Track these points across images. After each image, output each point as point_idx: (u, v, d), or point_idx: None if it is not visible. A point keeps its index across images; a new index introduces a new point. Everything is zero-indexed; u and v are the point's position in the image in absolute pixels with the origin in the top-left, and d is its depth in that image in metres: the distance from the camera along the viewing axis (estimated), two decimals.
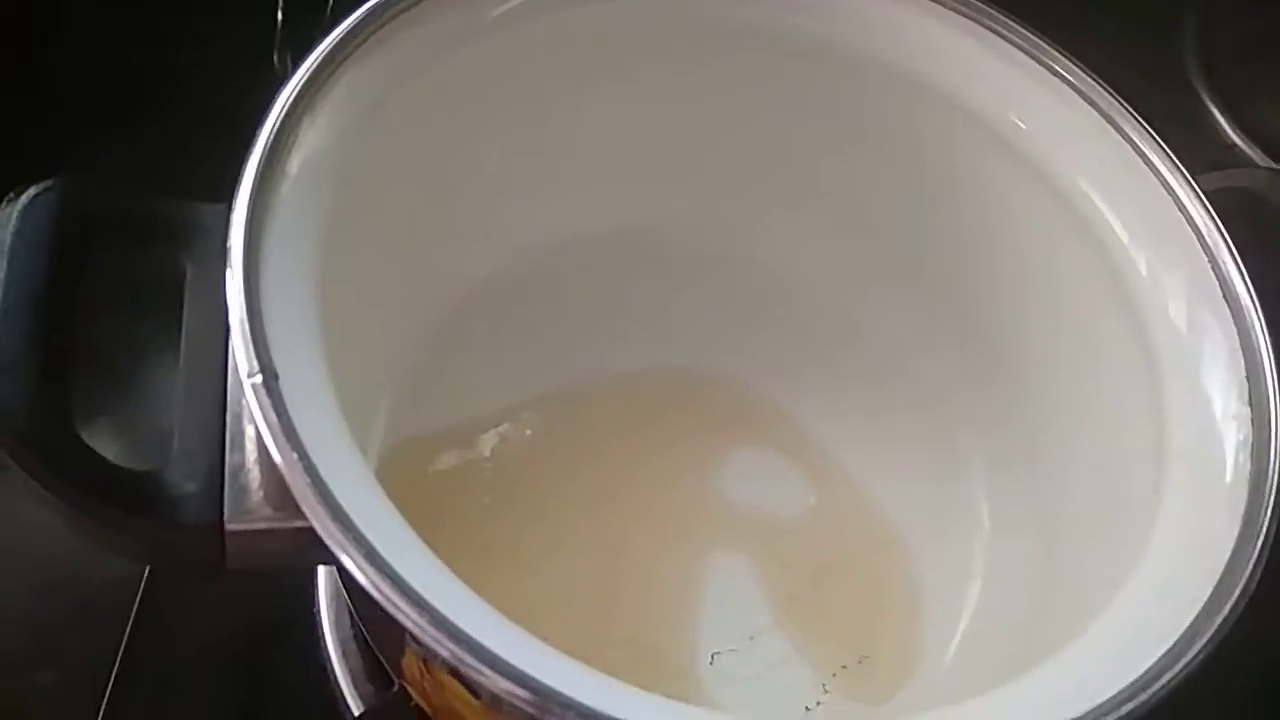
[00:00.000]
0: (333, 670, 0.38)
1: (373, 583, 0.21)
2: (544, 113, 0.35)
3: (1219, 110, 0.59)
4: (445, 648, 0.21)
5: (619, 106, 0.36)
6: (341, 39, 0.29)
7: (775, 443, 0.38)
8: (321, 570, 0.39)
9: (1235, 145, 0.57)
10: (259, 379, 0.22)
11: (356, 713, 0.37)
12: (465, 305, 0.38)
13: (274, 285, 0.24)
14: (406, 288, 0.35)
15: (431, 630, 0.21)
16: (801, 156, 0.37)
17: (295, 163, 0.27)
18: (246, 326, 0.23)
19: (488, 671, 0.21)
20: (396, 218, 0.32)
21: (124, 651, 0.39)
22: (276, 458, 0.22)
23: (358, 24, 0.29)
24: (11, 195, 0.26)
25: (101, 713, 0.38)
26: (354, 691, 0.37)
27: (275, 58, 0.58)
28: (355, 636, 0.38)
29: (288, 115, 0.27)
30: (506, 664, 0.21)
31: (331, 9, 0.59)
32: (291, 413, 0.23)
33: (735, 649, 0.34)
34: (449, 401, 0.37)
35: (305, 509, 0.22)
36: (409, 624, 0.21)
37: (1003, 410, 0.35)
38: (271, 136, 0.26)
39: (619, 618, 0.34)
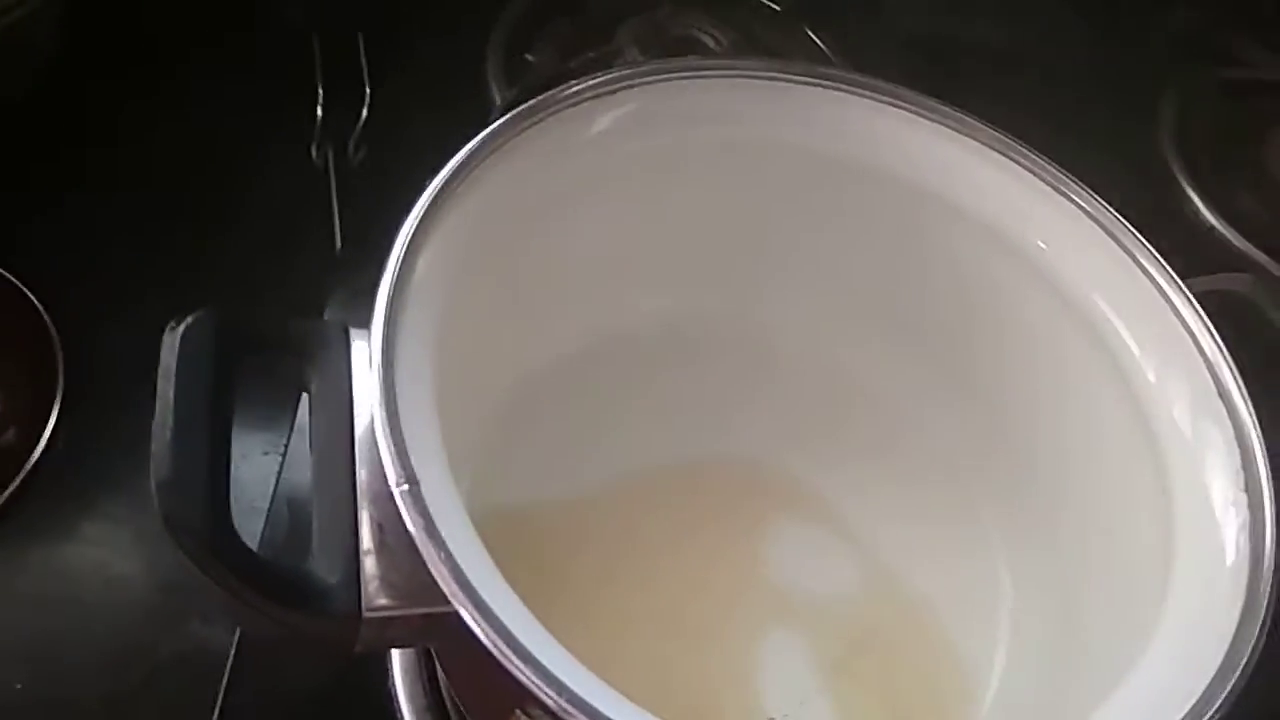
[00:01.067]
0: None
1: (508, 658, 0.25)
2: (616, 219, 0.39)
3: (1196, 194, 0.63)
4: (562, 710, 0.24)
5: (679, 213, 0.40)
6: (447, 178, 0.33)
7: (816, 522, 0.42)
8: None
9: (1213, 228, 0.62)
10: (406, 488, 0.26)
11: None
12: (524, 395, 0.42)
13: (406, 400, 0.28)
14: (484, 377, 0.38)
15: (554, 695, 0.24)
16: (844, 265, 0.41)
17: (412, 289, 0.31)
18: (391, 443, 0.27)
19: None
20: (487, 321, 0.36)
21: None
22: (427, 559, 0.25)
23: (460, 165, 0.33)
24: (172, 324, 0.29)
25: None
26: None
27: (313, 151, 0.62)
28: (429, 708, 0.41)
29: (409, 246, 0.31)
30: None
31: (369, 106, 0.64)
32: (434, 515, 0.26)
33: (788, 714, 0.37)
34: (516, 482, 0.41)
35: (451, 598, 0.25)
36: (537, 690, 0.24)
37: (1021, 494, 0.39)
38: (398, 265, 0.30)
39: (681, 686, 0.38)
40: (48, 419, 0.50)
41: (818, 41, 0.67)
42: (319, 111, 0.63)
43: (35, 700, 0.43)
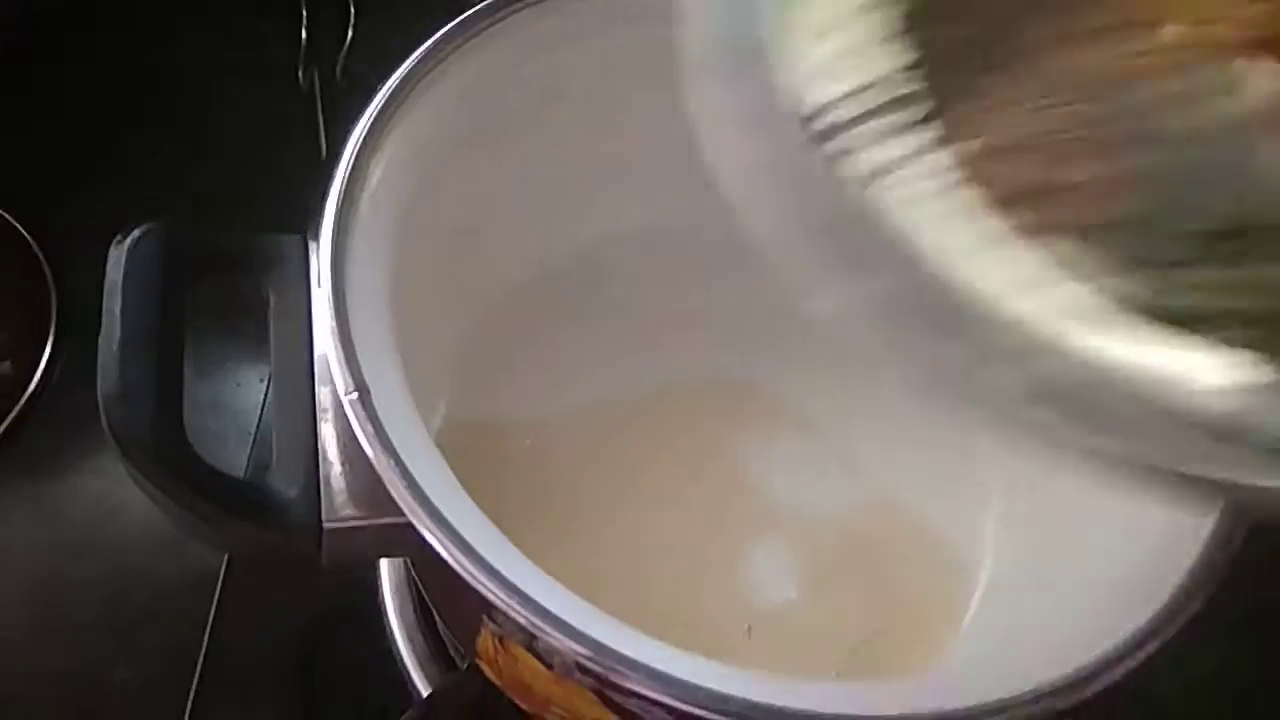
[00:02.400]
0: (399, 654, 0.41)
1: (465, 569, 0.24)
2: (587, 125, 0.38)
3: None
4: (529, 621, 0.24)
5: (655, 116, 0.39)
6: (398, 84, 0.32)
7: (797, 436, 0.41)
8: (384, 566, 0.43)
9: None
10: (355, 396, 0.26)
11: (424, 691, 0.40)
12: (508, 307, 0.41)
13: (358, 309, 0.28)
14: (458, 294, 0.38)
15: (518, 607, 0.24)
16: None
17: (365, 197, 0.30)
18: (340, 352, 0.26)
19: (564, 639, 0.24)
20: (452, 234, 0.35)
21: (207, 646, 0.42)
22: (377, 466, 0.25)
23: (413, 68, 0.32)
24: (119, 238, 0.29)
25: (190, 705, 0.41)
26: (420, 672, 0.40)
27: (300, 73, 0.61)
28: (419, 623, 0.41)
29: (359, 153, 0.30)
30: (580, 633, 0.24)
31: (353, 28, 0.63)
32: (384, 423, 0.26)
33: (770, 621, 0.37)
34: (493, 402, 0.40)
35: (404, 508, 0.25)
36: (498, 602, 0.24)
37: None
38: (347, 174, 0.29)
39: (660, 595, 0.37)
40: (43, 349, 0.50)
41: None
42: (304, 34, 0.62)
43: (37, 625, 0.44)
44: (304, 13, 0.62)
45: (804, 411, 0.41)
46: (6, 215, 0.54)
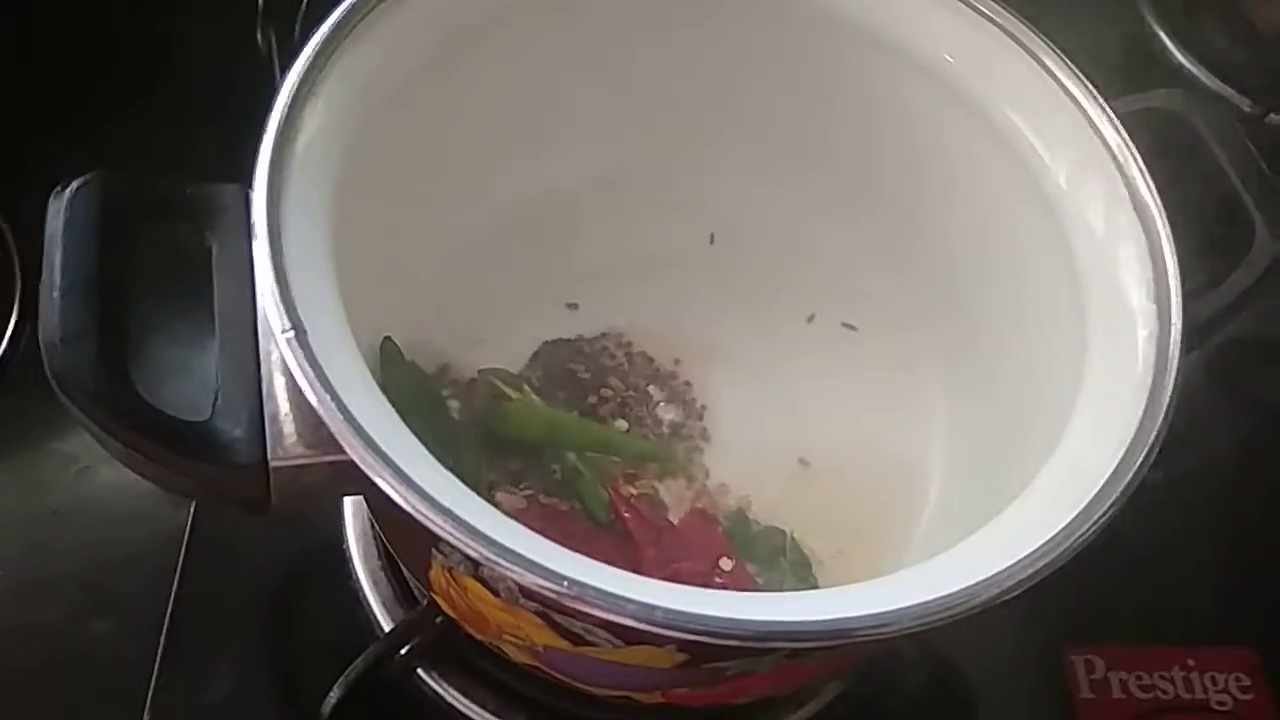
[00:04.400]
0: (364, 597, 0.42)
1: (407, 501, 0.25)
2: (529, 69, 0.38)
3: (1164, 31, 0.62)
4: (471, 548, 0.25)
5: (591, 71, 0.39)
6: (334, 26, 0.32)
7: (747, 378, 0.42)
8: (348, 512, 0.43)
9: (1182, 66, 0.60)
10: (291, 334, 0.26)
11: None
12: (456, 257, 0.42)
13: (295, 252, 0.28)
14: (400, 240, 0.38)
15: (460, 535, 0.25)
16: (761, 102, 0.40)
17: (302, 142, 0.30)
18: (275, 291, 0.27)
19: (506, 564, 0.25)
20: (395, 180, 0.35)
21: (175, 596, 0.43)
22: (313, 401, 0.26)
23: (348, 10, 0.32)
24: (58, 189, 0.29)
25: (161, 650, 0.42)
26: (385, 613, 0.41)
27: (259, 35, 0.61)
28: (383, 567, 0.42)
29: (293, 99, 0.30)
30: (522, 557, 0.25)
31: None
32: (321, 361, 0.26)
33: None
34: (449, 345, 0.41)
35: (343, 444, 0.25)
36: (440, 531, 0.25)
37: (945, 312, 0.39)
38: (281, 120, 0.30)
39: None
40: (8, 319, 0.50)
41: None
42: None
43: (16, 586, 0.45)
44: None
45: (744, 356, 0.42)
46: None
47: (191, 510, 0.44)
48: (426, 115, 0.36)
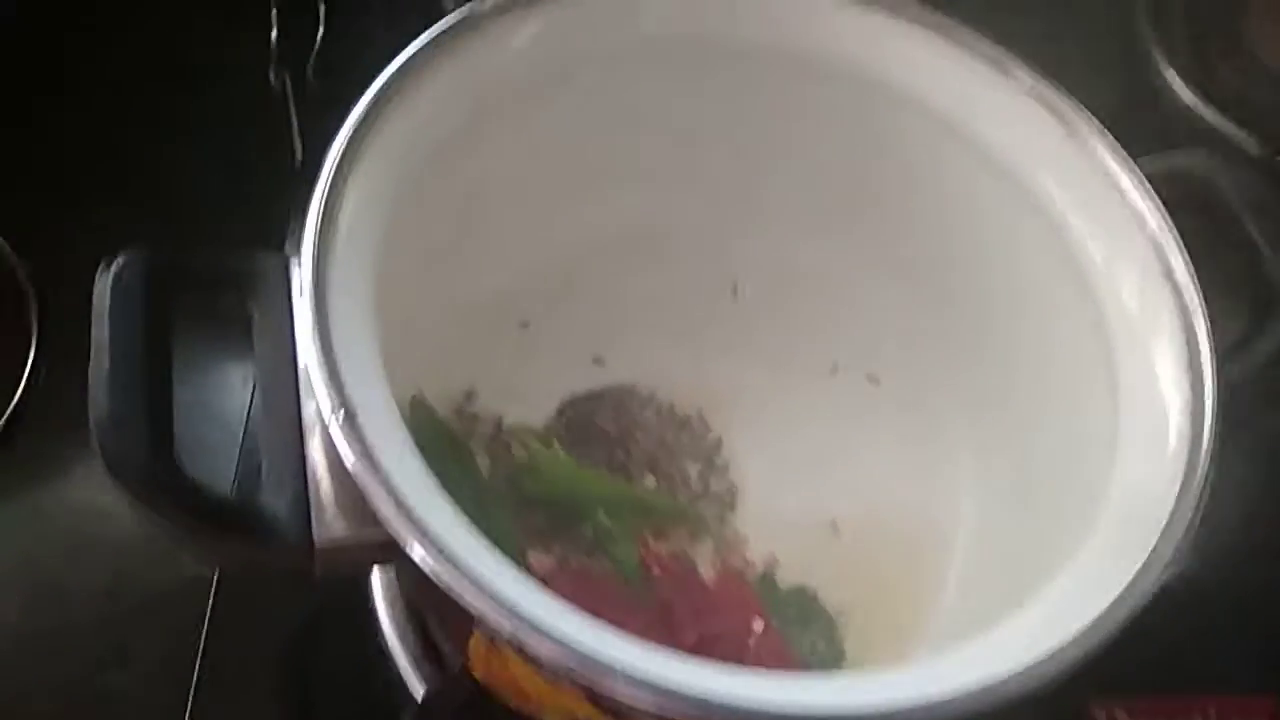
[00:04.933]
0: (392, 653, 0.42)
1: (453, 583, 0.25)
2: (562, 126, 0.39)
3: (1173, 71, 0.62)
4: (517, 632, 0.25)
5: (623, 124, 0.40)
6: (373, 99, 0.32)
7: (775, 432, 0.42)
8: (375, 569, 0.43)
9: (1190, 105, 0.61)
10: (341, 416, 0.26)
11: (418, 688, 0.41)
12: (483, 314, 0.42)
13: (340, 329, 0.28)
14: (438, 299, 0.39)
15: (505, 619, 0.25)
16: (798, 161, 0.41)
17: (344, 216, 0.30)
18: (325, 374, 0.27)
19: (551, 647, 0.25)
20: (427, 242, 0.36)
21: (203, 650, 0.43)
22: (364, 486, 0.26)
23: (386, 81, 0.33)
24: (102, 266, 0.29)
25: (190, 706, 0.42)
26: (414, 671, 0.41)
27: (272, 76, 0.61)
28: (411, 623, 0.42)
29: (335, 173, 0.30)
30: (565, 642, 0.25)
31: (324, 27, 0.63)
32: (370, 443, 0.26)
33: None
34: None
35: (392, 528, 0.26)
36: (487, 615, 0.25)
37: (977, 377, 0.39)
38: (324, 196, 0.30)
39: None
40: (25, 360, 0.51)
41: None
42: (274, 35, 0.62)
43: (34, 629, 0.45)
44: (274, 14, 0.62)
45: (769, 409, 0.42)
46: None
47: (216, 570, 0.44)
48: (458, 179, 0.36)
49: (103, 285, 0.28)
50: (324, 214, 0.29)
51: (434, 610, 0.35)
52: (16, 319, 0.51)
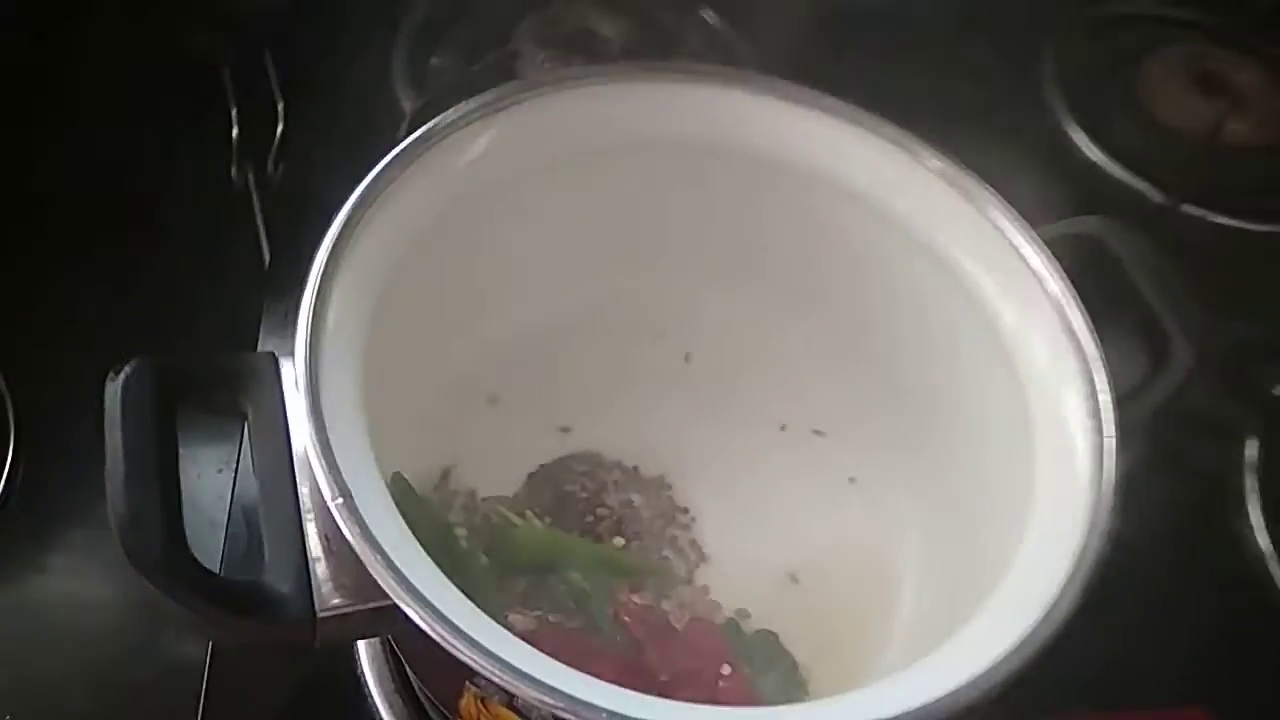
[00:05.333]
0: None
1: (451, 644, 0.28)
2: (519, 228, 0.42)
3: (1079, 131, 0.67)
4: (510, 685, 0.28)
5: (579, 216, 0.43)
6: (354, 205, 0.36)
7: (733, 482, 0.45)
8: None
9: (1096, 163, 0.66)
10: (341, 502, 0.29)
11: None
12: (455, 391, 0.45)
13: (333, 418, 0.31)
14: (412, 378, 0.41)
15: (499, 673, 0.28)
16: (740, 244, 0.45)
17: (331, 313, 0.34)
18: (324, 464, 0.30)
19: (541, 697, 0.28)
20: (404, 328, 0.38)
21: None
22: (366, 561, 0.29)
23: (364, 191, 0.36)
24: (111, 375, 0.32)
25: None
26: None
27: (234, 170, 0.64)
28: (396, 690, 0.45)
29: (323, 275, 0.33)
30: (556, 690, 0.28)
31: (284, 122, 0.66)
32: (369, 523, 0.29)
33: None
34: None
35: (393, 596, 0.28)
36: (482, 670, 0.28)
37: (915, 436, 0.43)
38: (313, 298, 0.33)
39: None
40: (3, 460, 0.52)
41: (714, 22, 0.69)
42: (234, 131, 0.64)
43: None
44: (233, 111, 0.65)
45: (726, 467, 0.46)
46: None
47: (210, 644, 0.46)
48: (428, 273, 0.40)
49: (113, 391, 0.31)
50: (313, 315, 0.33)
51: (425, 673, 0.37)
52: None
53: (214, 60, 0.67)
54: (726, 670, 0.39)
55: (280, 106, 0.66)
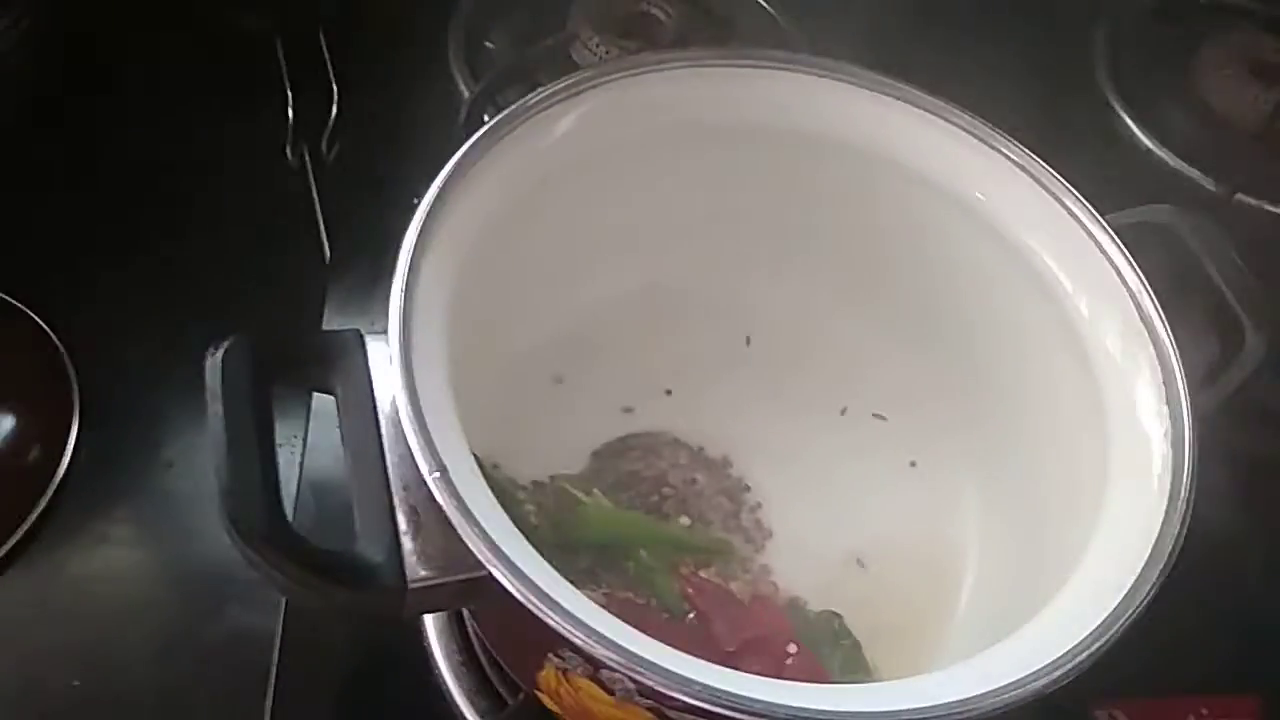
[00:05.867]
0: (448, 691, 0.45)
1: (550, 616, 0.29)
2: (596, 206, 0.43)
3: (1131, 119, 0.67)
4: (603, 655, 0.29)
5: (650, 198, 0.44)
6: (442, 184, 0.36)
7: (794, 463, 0.46)
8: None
9: (1149, 150, 0.65)
10: (438, 476, 0.30)
11: None
12: (523, 372, 0.46)
13: (427, 396, 0.32)
14: (483, 358, 0.42)
15: (593, 643, 0.29)
16: (809, 229, 0.45)
17: (420, 291, 0.34)
18: (419, 439, 0.30)
19: (632, 668, 0.29)
20: (478, 310, 0.39)
21: (274, 692, 0.45)
22: (462, 533, 0.29)
23: (448, 176, 0.37)
24: (211, 350, 0.33)
25: None
26: (470, 707, 0.44)
27: (288, 151, 0.65)
28: (463, 661, 0.45)
29: (413, 255, 0.34)
30: (648, 661, 0.29)
31: (338, 102, 0.66)
32: (463, 495, 0.30)
33: None
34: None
35: (488, 567, 0.29)
36: (577, 640, 0.29)
37: (979, 423, 0.44)
38: (405, 276, 0.34)
39: None
40: (68, 434, 0.53)
41: (767, 6, 0.69)
42: (289, 112, 0.65)
43: (90, 697, 0.47)
44: (289, 93, 0.66)
45: (788, 449, 0.46)
46: (22, 306, 0.56)
47: (281, 616, 0.47)
48: (505, 252, 0.40)
49: (213, 364, 0.32)
50: (405, 294, 0.33)
51: (504, 645, 0.38)
52: (60, 396, 0.54)
53: (270, 41, 0.67)
54: (793, 649, 0.40)
55: (335, 88, 0.66)
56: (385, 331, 0.34)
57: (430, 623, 0.46)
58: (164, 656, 0.48)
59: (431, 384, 0.32)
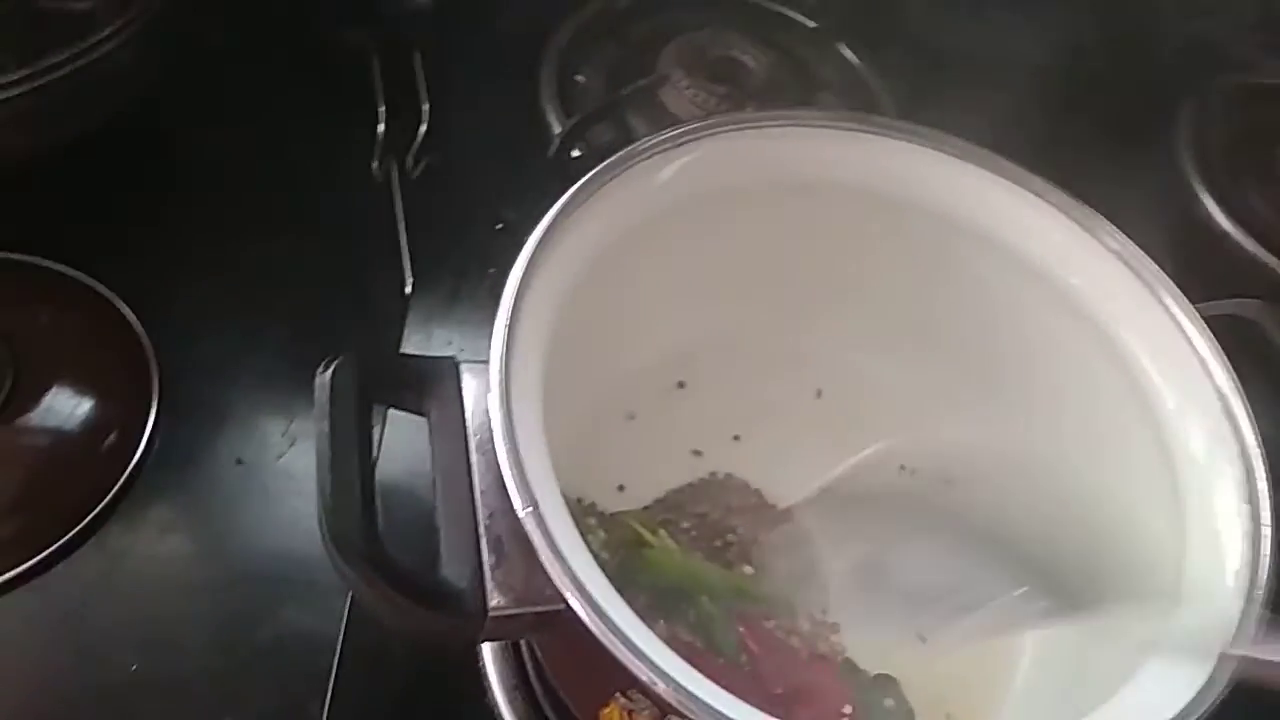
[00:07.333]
0: (500, 716, 0.46)
1: (627, 656, 0.29)
2: (684, 253, 0.44)
3: (1212, 200, 0.66)
4: (677, 701, 0.29)
5: (734, 247, 0.45)
6: (550, 223, 0.37)
7: (861, 520, 0.46)
8: None
9: (1227, 233, 0.65)
10: (530, 510, 0.31)
11: None
12: (598, 412, 0.47)
13: (522, 432, 0.33)
14: (563, 399, 0.43)
15: (664, 685, 0.29)
16: (889, 294, 0.46)
17: (521, 329, 0.35)
18: (515, 474, 0.31)
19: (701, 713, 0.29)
20: (565, 355, 0.40)
21: (329, 703, 0.46)
22: (550, 571, 0.30)
23: (554, 217, 0.38)
24: (321, 369, 0.34)
25: None
26: None
27: (375, 166, 0.66)
28: (516, 687, 0.46)
29: (518, 293, 0.35)
30: (714, 708, 0.29)
31: (427, 122, 0.68)
32: (552, 532, 0.31)
33: None
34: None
35: (574, 606, 0.30)
36: (649, 680, 0.29)
37: (1052, 504, 0.43)
38: (509, 313, 0.35)
39: None
40: (146, 421, 0.55)
41: (851, 58, 0.70)
42: (380, 128, 0.67)
43: (149, 681, 0.48)
44: (381, 108, 0.68)
45: (853, 507, 0.46)
46: (107, 292, 0.58)
47: (344, 624, 0.48)
48: (597, 295, 0.41)
49: (322, 383, 0.33)
50: (509, 330, 0.34)
51: (569, 678, 0.39)
52: (141, 386, 0.56)
53: (366, 60, 0.69)
54: (848, 709, 0.40)
55: (425, 108, 0.68)
56: (477, 359, 0.35)
57: (487, 647, 0.47)
58: (220, 648, 0.49)
59: (527, 419, 0.33)
